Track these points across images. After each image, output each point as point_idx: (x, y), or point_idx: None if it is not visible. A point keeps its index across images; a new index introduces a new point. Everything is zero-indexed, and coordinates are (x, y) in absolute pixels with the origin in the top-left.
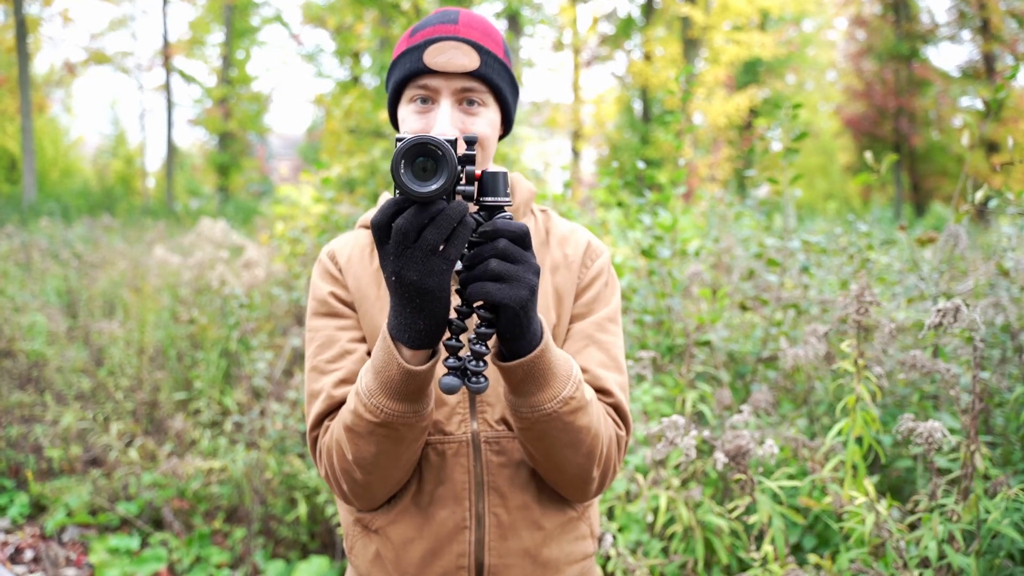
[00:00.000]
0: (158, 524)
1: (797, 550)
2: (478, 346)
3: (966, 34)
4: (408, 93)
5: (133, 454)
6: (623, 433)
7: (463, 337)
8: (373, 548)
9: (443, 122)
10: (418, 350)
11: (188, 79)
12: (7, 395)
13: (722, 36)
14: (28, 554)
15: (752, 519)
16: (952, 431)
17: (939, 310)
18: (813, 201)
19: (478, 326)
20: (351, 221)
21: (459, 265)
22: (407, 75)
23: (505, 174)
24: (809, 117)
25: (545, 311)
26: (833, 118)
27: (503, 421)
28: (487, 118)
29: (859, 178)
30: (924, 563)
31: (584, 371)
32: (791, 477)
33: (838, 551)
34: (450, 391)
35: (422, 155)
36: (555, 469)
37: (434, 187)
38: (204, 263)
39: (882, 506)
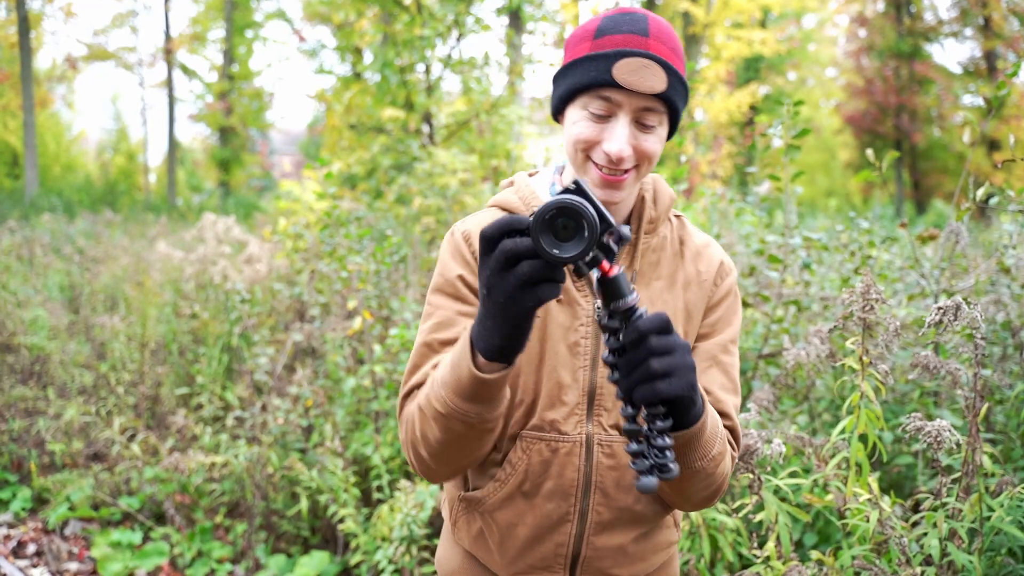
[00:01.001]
0: (160, 518)
1: (798, 547)
2: (662, 439)
3: (968, 32)
4: (585, 99)
5: (135, 449)
6: (736, 454)
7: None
8: (477, 526)
9: (620, 139)
10: (491, 362)
11: (190, 74)
12: (9, 390)
13: (723, 33)
14: (31, 548)
15: (758, 517)
16: (953, 427)
17: (939, 308)
18: (814, 198)
19: (653, 420)
20: (353, 217)
21: (613, 371)
22: (591, 84)
23: (624, 275)
24: (810, 114)
25: (675, 327)
26: (834, 115)
27: (616, 427)
28: (659, 135)
29: (860, 175)
30: (926, 561)
31: (707, 393)
32: (793, 475)
33: (840, 548)
34: (650, 491)
35: (567, 216)
36: (682, 500)
37: (566, 255)
38: (206, 258)
39: (886, 503)
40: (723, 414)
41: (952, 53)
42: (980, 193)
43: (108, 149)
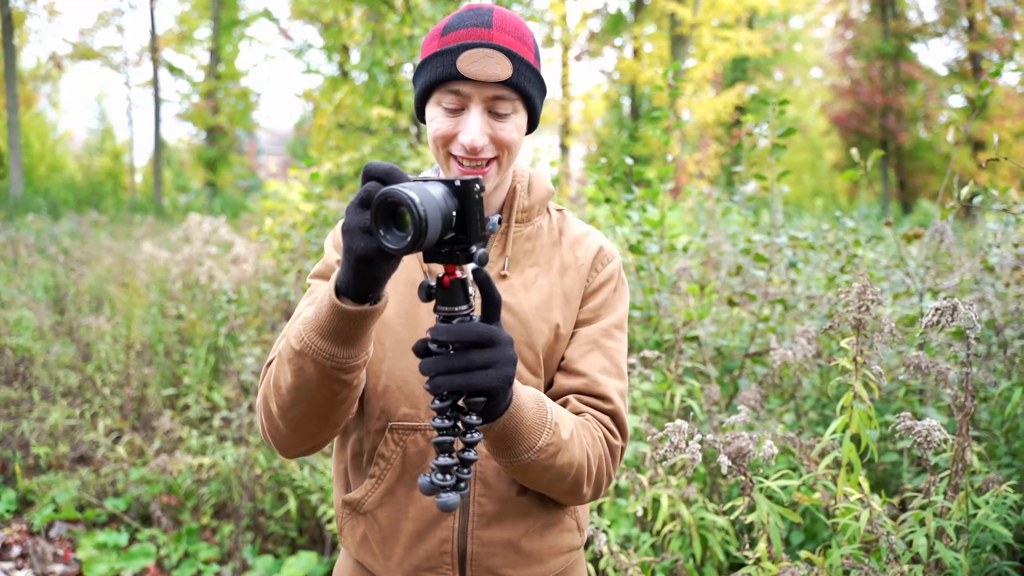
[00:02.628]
0: (146, 520)
1: (785, 546)
2: (471, 435)
3: (952, 32)
4: (438, 96)
5: (121, 451)
6: (618, 442)
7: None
8: (361, 530)
9: (473, 129)
10: (345, 296)
11: (176, 72)
12: None
13: (710, 33)
14: (15, 550)
15: (750, 518)
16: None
17: (937, 308)
18: (800, 198)
19: (467, 415)
20: (339, 217)
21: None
22: (439, 79)
23: (465, 283)
24: (797, 114)
25: (549, 312)
26: (821, 115)
27: None
28: (515, 123)
29: (846, 174)
30: (914, 559)
31: (583, 375)
32: (782, 475)
33: (828, 546)
34: (450, 509)
35: (406, 209)
36: (544, 491)
37: (385, 242)
38: (192, 259)
39: (876, 502)
40: (603, 397)
41: (937, 54)
42: (964, 192)
43: (93, 149)
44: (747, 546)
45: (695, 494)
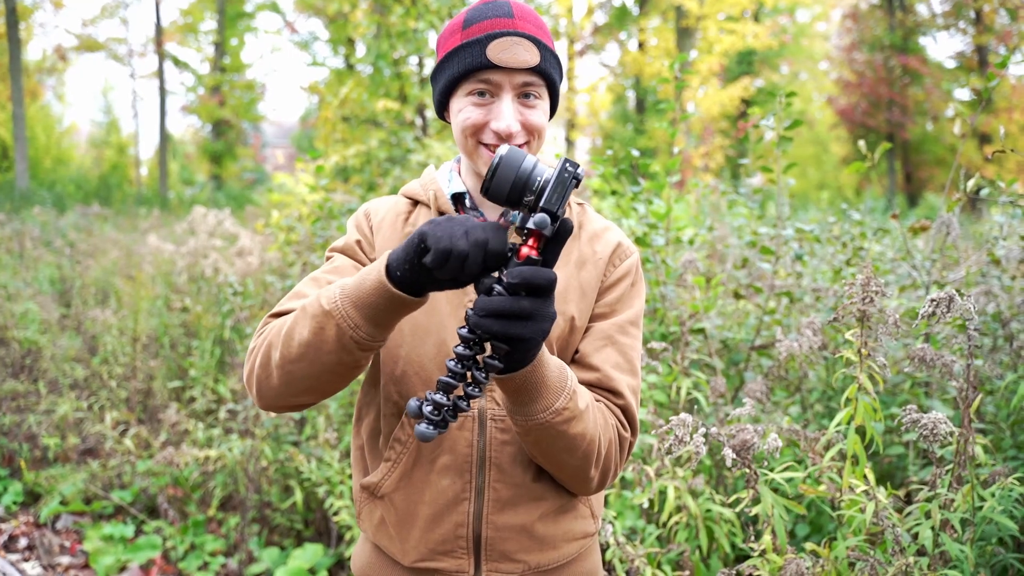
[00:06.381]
0: (152, 512)
1: (791, 538)
2: (481, 373)
3: (959, 24)
4: (467, 86)
5: (127, 443)
6: (627, 435)
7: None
8: (378, 514)
9: (507, 115)
10: (393, 279)
11: (181, 65)
12: (0, 383)
13: (716, 26)
14: (22, 542)
15: (755, 510)
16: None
17: (932, 299)
18: (806, 191)
19: (489, 357)
20: (345, 209)
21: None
22: (468, 69)
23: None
24: (803, 107)
25: (565, 304)
26: (826, 108)
27: None
28: (542, 109)
29: (852, 167)
30: (919, 551)
31: (597, 370)
32: (787, 467)
33: (833, 538)
34: (423, 439)
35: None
36: (554, 467)
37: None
38: (198, 251)
39: (881, 494)
40: (614, 392)
41: (944, 47)
42: (970, 185)
43: (99, 142)
44: (752, 538)
45: (702, 486)
